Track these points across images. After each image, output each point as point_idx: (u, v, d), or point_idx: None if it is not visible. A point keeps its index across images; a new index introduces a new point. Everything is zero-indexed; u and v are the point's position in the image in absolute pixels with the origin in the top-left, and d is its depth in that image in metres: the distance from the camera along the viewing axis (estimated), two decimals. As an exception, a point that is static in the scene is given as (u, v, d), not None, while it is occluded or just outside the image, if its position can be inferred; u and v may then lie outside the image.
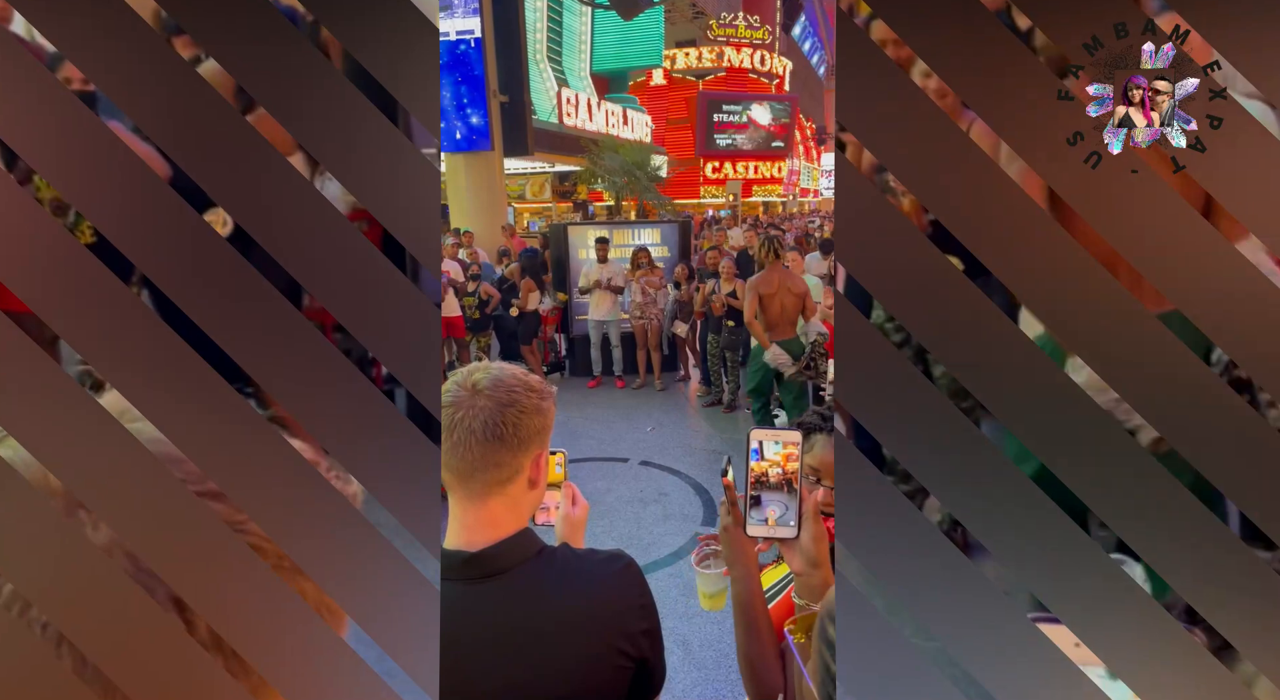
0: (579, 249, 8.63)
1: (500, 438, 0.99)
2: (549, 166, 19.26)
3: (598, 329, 7.99)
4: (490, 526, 1.03)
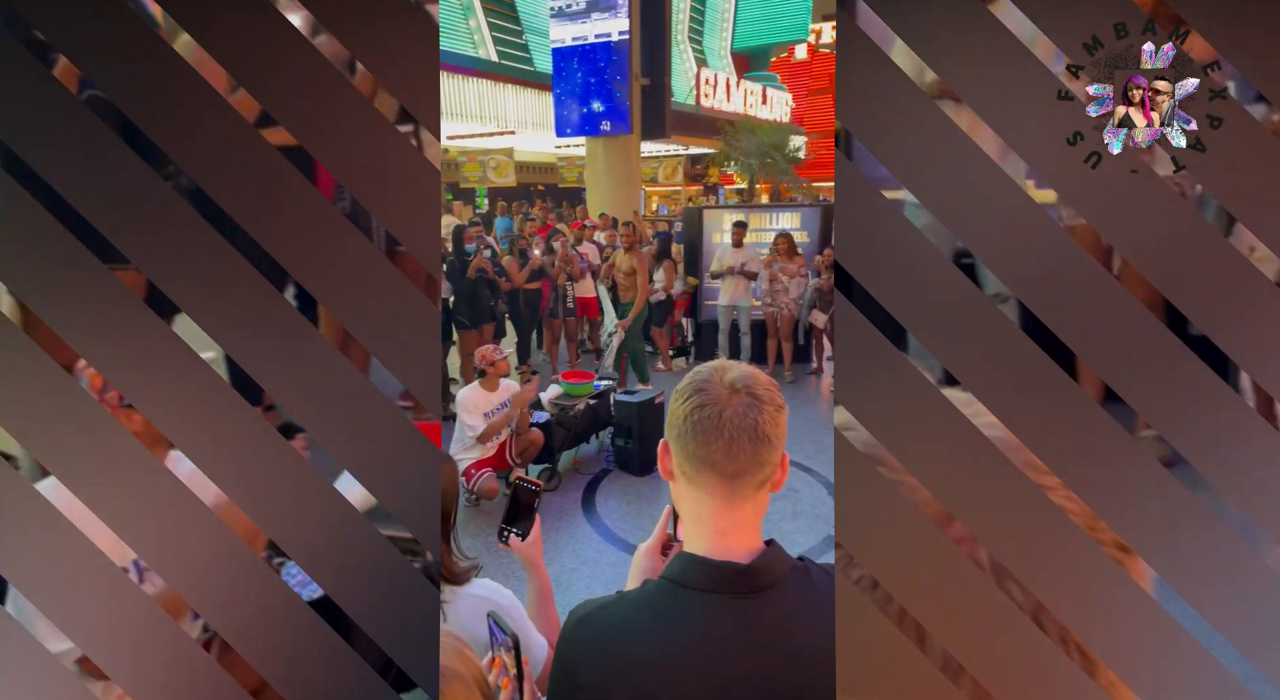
0: (713, 233, 8.61)
1: (767, 437, 0.96)
2: (683, 149, 19.26)
3: (727, 315, 7.92)
4: (744, 532, 0.98)
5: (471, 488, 4.59)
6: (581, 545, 4.43)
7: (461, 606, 1.40)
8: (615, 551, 4.35)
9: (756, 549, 0.98)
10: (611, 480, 5.31)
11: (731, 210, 9.88)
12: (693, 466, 0.96)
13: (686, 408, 0.96)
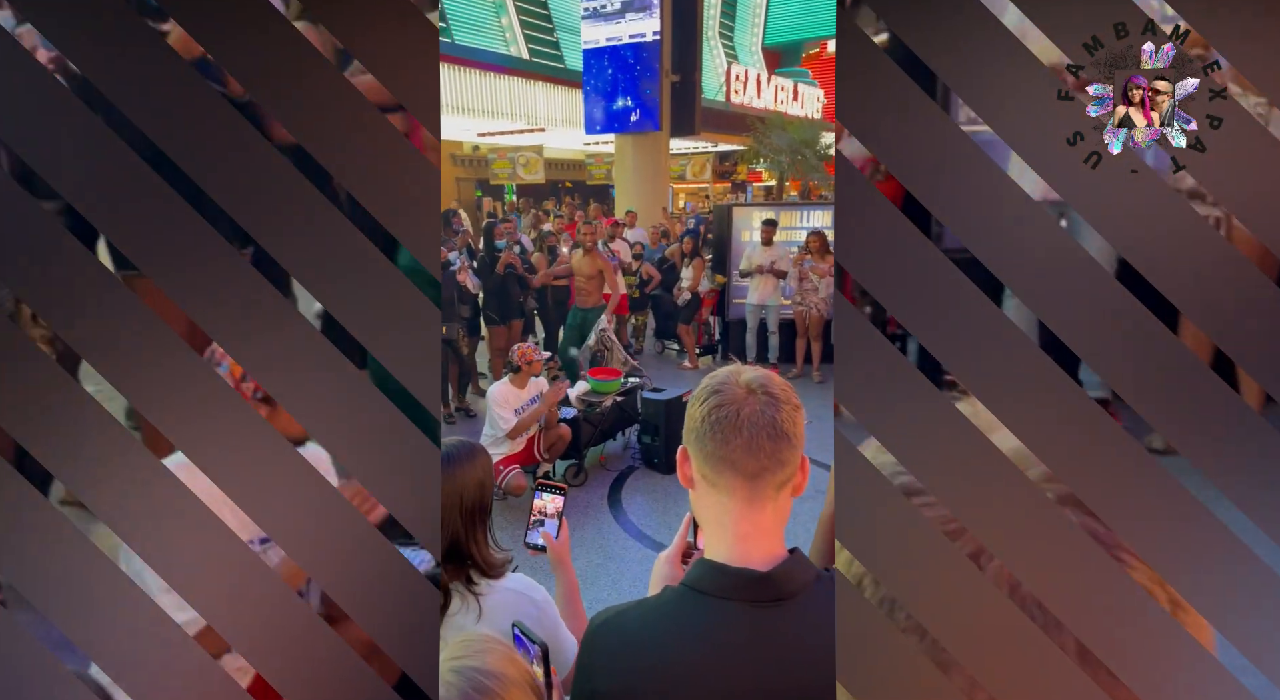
0: (742, 231, 8.56)
1: (786, 435, 0.95)
2: (711, 146, 19.19)
3: (755, 313, 7.85)
4: (765, 537, 0.97)
5: (500, 484, 4.63)
6: (607, 541, 4.45)
7: (497, 600, 1.42)
8: (640, 548, 4.36)
9: (778, 556, 0.96)
10: (638, 477, 5.32)
11: (763, 208, 9.80)
12: (712, 468, 0.95)
13: (704, 409, 0.95)
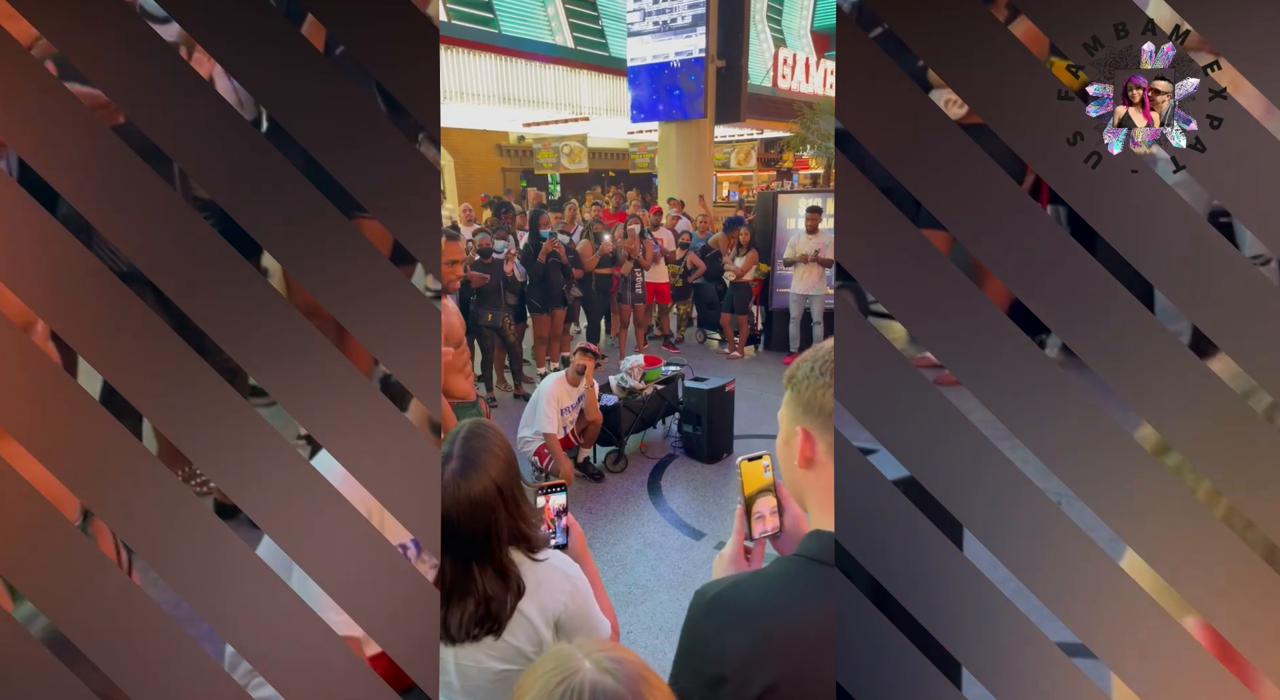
0: (787, 219, 8.46)
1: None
2: (757, 133, 18.99)
3: (799, 303, 7.74)
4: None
5: (545, 469, 4.71)
6: (647, 528, 4.49)
7: (540, 574, 1.42)
8: (680, 535, 4.39)
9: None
10: (677, 466, 5.35)
11: (808, 194, 9.68)
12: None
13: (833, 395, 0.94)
